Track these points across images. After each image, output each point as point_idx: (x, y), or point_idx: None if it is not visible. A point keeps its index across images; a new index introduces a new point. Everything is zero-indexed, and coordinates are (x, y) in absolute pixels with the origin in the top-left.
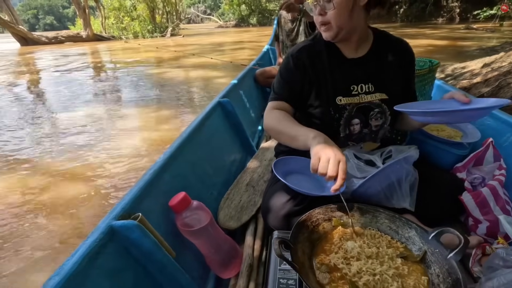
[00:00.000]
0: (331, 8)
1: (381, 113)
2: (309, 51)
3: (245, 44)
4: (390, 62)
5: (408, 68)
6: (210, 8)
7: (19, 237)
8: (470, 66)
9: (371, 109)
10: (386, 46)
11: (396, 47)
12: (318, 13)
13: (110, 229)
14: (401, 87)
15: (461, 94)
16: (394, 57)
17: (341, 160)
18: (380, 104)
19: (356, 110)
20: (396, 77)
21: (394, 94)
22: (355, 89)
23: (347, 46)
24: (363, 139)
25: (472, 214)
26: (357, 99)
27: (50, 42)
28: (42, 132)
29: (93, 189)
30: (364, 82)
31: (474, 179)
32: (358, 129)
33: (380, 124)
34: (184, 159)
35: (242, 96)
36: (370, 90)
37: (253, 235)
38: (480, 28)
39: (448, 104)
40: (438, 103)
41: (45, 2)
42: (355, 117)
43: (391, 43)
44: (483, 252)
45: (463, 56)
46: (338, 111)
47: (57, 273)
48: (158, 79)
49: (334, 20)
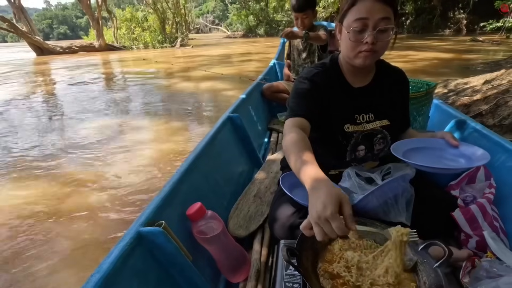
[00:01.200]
0: (387, 38)
1: (383, 139)
2: (321, 77)
3: (252, 56)
4: (390, 90)
5: (405, 95)
6: (218, 18)
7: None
8: (472, 82)
9: (374, 135)
10: (386, 75)
11: (394, 75)
12: (372, 41)
13: (138, 234)
14: (400, 112)
15: (451, 136)
16: (394, 85)
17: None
18: (381, 130)
19: (362, 137)
20: (396, 104)
21: (395, 119)
22: (358, 118)
23: (357, 75)
24: (366, 161)
25: (463, 230)
26: (361, 127)
27: (64, 52)
28: (54, 142)
29: (108, 196)
30: (365, 112)
31: (466, 197)
32: (363, 154)
33: (382, 148)
34: (199, 171)
35: (250, 110)
36: (370, 119)
37: (260, 243)
38: (486, 40)
39: (437, 144)
40: (429, 141)
41: (59, 12)
42: (361, 144)
43: (390, 72)
44: (473, 264)
45: (468, 71)
46: (346, 138)
47: (97, 271)
48: (168, 90)
49: (382, 49)
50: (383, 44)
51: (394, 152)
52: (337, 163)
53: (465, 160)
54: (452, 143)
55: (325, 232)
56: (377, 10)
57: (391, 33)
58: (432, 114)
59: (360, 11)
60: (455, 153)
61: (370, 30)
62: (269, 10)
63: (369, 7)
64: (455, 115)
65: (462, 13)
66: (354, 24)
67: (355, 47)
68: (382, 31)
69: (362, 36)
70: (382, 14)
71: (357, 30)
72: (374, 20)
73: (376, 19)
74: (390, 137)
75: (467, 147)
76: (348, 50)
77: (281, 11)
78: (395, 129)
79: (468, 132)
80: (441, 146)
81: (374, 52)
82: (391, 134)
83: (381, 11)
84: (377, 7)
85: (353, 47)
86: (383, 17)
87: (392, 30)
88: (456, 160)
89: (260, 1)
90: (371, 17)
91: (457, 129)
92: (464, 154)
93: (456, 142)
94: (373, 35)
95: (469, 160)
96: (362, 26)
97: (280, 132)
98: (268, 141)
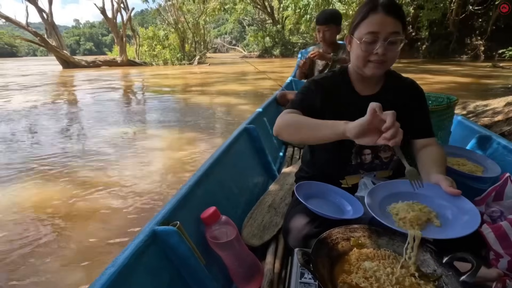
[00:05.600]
0: (396, 50)
1: (388, 146)
2: (330, 81)
3: (268, 75)
4: (400, 99)
5: (418, 103)
6: (235, 39)
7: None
8: (492, 104)
9: None
10: (396, 84)
11: (404, 84)
12: (382, 52)
13: (153, 233)
14: (412, 121)
15: (448, 184)
16: (404, 94)
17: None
18: None
19: None
20: (405, 112)
21: (403, 128)
22: None
23: (365, 83)
24: (375, 169)
25: (492, 248)
26: None
27: (88, 66)
28: (77, 148)
29: (123, 199)
30: None
31: (492, 212)
32: (370, 159)
33: (389, 156)
34: (214, 178)
35: (266, 123)
36: None
37: (273, 254)
38: (506, 67)
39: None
40: (426, 187)
41: (87, 30)
42: (366, 148)
43: (400, 81)
44: (504, 285)
45: (487, 94)
46: (352, 140)
47: (112, 265)
48: (185, 103)
49: (391, 60)
50: (392, 55)
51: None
52: (343, 167)
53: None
54: (450, 192)
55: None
56: (387, 24)
57: (400, 45)
58: (454, 130)
59: (372, 25)
60: (446, 206)
61: (381, 42)
62: (285, 32)
63: (380, 21)
64: (479, 131)
65: (480, 39)
66: (366, 36)
67: (366, 57)
68: (392, 43)
69: (373, 47)
70: (392, 28)
71: (368, 42)
72: (385, 33)
73: (387, 32)
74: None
75: (462, 202)
76: (359, 60)
77: (296, 34)
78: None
79: (493, 149)
80: (430, 194)
81: (383, 62)
82: None
83: (391, 25)
84: (388, 21)
85: (363, 57)
86: (393, 31)
87: (401, 42)
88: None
89: (277, 24)
90: (382, 31)
91: (480, 145)
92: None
93: (456, 191)
94: (383, 46)
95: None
96: (373, 38)
97: (296, 147)
98: (284, 155)
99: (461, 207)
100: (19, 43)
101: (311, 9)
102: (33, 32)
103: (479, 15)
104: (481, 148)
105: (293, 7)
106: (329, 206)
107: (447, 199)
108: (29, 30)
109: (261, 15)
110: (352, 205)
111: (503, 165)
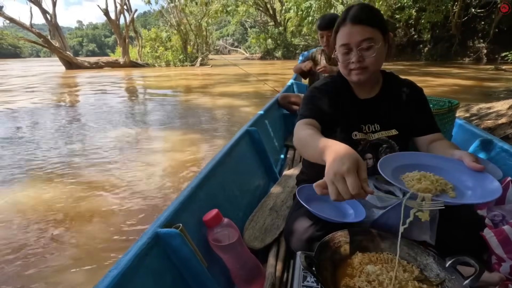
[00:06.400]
0: (372, 55)
1: (389, 148)
2: (331, 86)
3: (269, 76)
4: (399, 101)
5: (419, 103)
6: (237, 41)
7: None
8: (496, 107)
9: (380, 145)
10: (395, 86)
11: (403, 86)
12: (357, 60)
13: (156, 235)
14: (415, 121)
15: (472, 159)
16: (403, 96)
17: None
18: (387, 140)
19: (369, 146)
20: (405, 114)
21: (404, 129)
22: (364, 128)
23: (362, 87)
24: (376, 173)
25: (495, 252)
26: (368, 137)
27: (91, 67)
28: (79, 148)
29: (126, 201)
30: (371, 122)
31: (494, 216)
32: (372, 164)
33: None
34: (216, 180)
35: (268, 126)
36: (376, 129)
37: (275, 257)
38: (509, 70)
39: (454, 165)
40: (446, 161)
41: (90, 31)
42: (368, 152)
43: (399, 83)
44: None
45: (490, 97)
46: (353, 145)
47: (115, 267)
48: (187, 105)
49: (372, 66)
50: (371, 60)
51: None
52: None
53: (471, 193)
54: (474, 167)
55: (339, 191)
56: (356, 33)
57: (376, 48)
58: (456, 134)
59: (342, 38)
60: (466, 180)
61: (354, 51)
62: (287, 34)
63: (348, 32)
64: (480, 135)
65: (482, 42)
66: (340, 49)
67: (346, 66)
68: (366, 49)
69: (349, 57)
70: (361, 37)
71: (343, 53)
72: (355, 42)
73: (357, 41)
74: (399, 147)
75: (486, 179)
76: (342, 70)
77: (298, 36)
78: (404, 139)
79: (495, 152)
80: (449, 168)
81: (363, 68)
82: (400, 144)
83: (359, 34)
84: (355, 30)
85: (344, 66)
86: (362, 39)
87: (376, 46)
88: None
89: (279, 26)
90: (351, 41)
91: (482, 149)
92: (476, 184)
93: (479, 166)
94: (357, 55)
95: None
96: (347, 49)
97: (296, 149)
98: (285, 157)
99: (484, 185)
100: (23, 44)
101: (313, 12)
102: (37, 33)
103: (481, 17)
104: (483, 152)
105: (295, 9)
106: (331, 209)
107: (469, 174)
108: (33, 31)
109: (263, 17)
110: (354, 208)
111: (505, 169)
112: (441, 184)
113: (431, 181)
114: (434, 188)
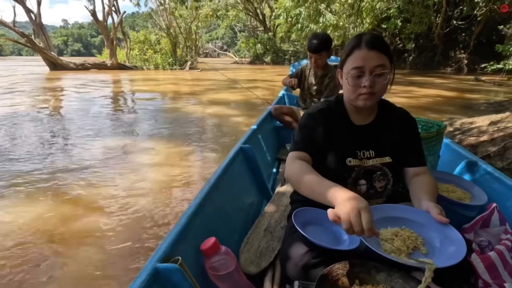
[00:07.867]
0: (384, 82)
1: (383, 175)
2: (325, 113)
3: (258, 83)
4: (394, 129)
5: (411, 133)
6: (227, 44)
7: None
8: (477, 122)
9: (374, 171)
10: (389, 114)
11: (398, 115)
12: (369, 85)
13: (155, 271)
14: (405, 150)
15: (437, 211)
16: (397, 124)
17: (362, 210)
18: (381, 167)
19: (363, 172)
20: (399, 142)
21: (397, 157)
22: (359, 154)
23: (359, 113)
24: (370, 198)
25: (481, 277)
26: (362, 163)
27: (77, 68)
28: (57, 160)
29: (118, 221)
30: (366, 149)
31: (481, 242)
32: (365, 190)
33: (384, 186)
34: (212, 205)
35: (261, 141)
36: (371, 156)
37: (271, 282)
38: (487, 81)
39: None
40: (415, 213)
41: (75, 31)
42: (362, 178)
43: (394, 111)
44: None
45: (471, 110)
46: (347, 171)
47: None
48: (175, 113)
49: (380, 92)
50: (381, 86)
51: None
52: None
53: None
54: (440, 220)
55: (352, 223)
56: (371, 58)
57: (388, 76)
58: (443, 153)
59: (356, 60)
60: (433, 232)
61: (367, 75)
62: (276, 40)
63: (364, 56)
64: (466, 156)
65: (463, 53)
66: (352, 72)
67: (355, 90)
68: (379, 75)
69: (360, 81)
70: (376, 62)
71: (355, 76)
72: (370, 68)
73: (372, 66)
74: (392, 174)
75: (450, 231)
76: (349, 93)
77: (287, 41)
78: (397, 167)
79: (479, 174)
80: (421, 221)
81: (373, 94)
82: (393, 171)
83: (375, 59)
84: (371, 55)
85: (353, 90)
86: (377, 64)
87: (387, 74)
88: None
89: (268, 31)
90: (366, 65)
91: (467, 170)
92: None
93: (445, 219)
94: (370, 80)
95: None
96: (359, 73)
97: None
98: (277, 171)
99: (449, 236)
100: (4, 42)
101: (302, 19)
102: (20, 33)
103: (462, 29)
104: (468, 173)
105: (285, 16)
106: (327, 234)
107: (435, 227)
108: (15, 30)
109: (252, 22)
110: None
111: (489, 191)
112: (412, 241)
113: (403, 239)
114: (406, 247)
